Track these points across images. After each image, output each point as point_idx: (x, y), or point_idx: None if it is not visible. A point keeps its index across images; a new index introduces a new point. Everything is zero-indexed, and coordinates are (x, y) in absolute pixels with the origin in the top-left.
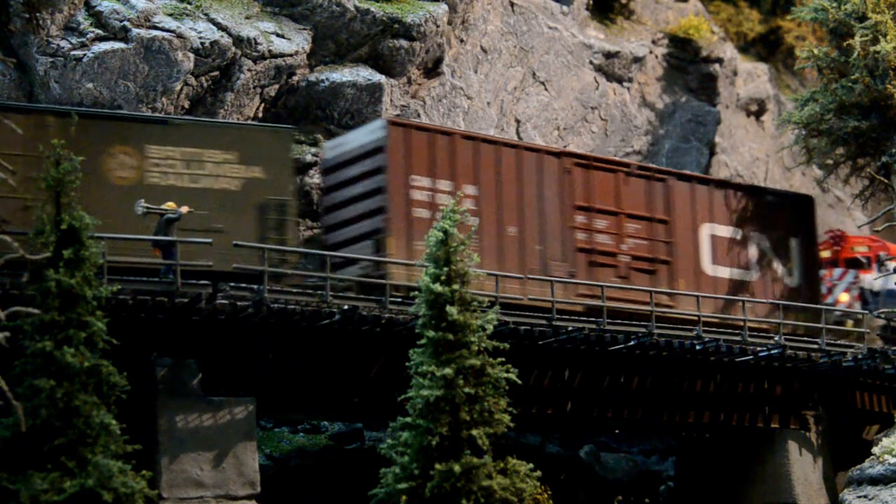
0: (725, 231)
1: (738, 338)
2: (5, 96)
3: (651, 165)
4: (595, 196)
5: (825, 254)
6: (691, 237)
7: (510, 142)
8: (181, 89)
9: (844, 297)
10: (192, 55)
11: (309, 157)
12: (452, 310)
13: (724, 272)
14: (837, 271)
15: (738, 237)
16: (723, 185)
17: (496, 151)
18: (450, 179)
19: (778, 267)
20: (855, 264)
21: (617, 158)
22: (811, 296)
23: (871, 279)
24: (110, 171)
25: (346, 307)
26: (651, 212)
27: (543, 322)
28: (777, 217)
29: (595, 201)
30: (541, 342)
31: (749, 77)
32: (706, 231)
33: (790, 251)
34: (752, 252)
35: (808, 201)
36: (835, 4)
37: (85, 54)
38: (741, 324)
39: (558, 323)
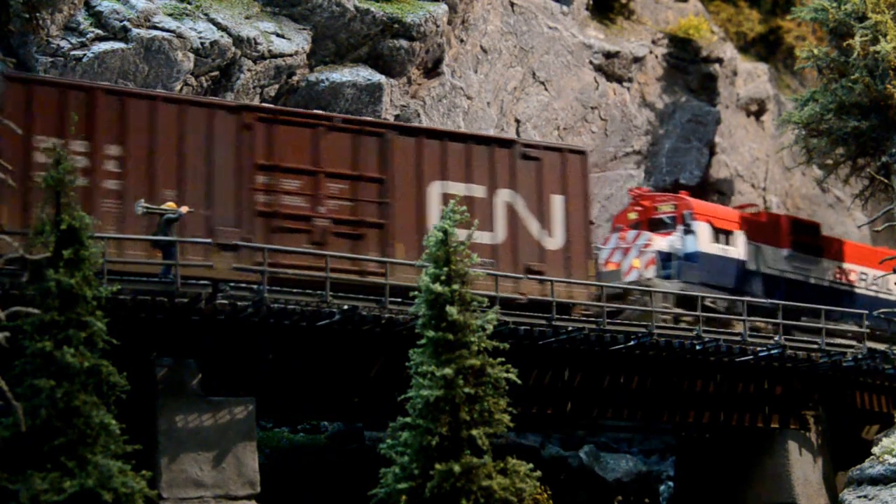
0: (462, 189)
1: (737, 338)
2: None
3: (364, 118)
4: (284, 154)
5: (632, 215)
6: (415, 197)
7: (171, 96)
8: (181, 89)
9: (637, 263)
10: (192, 55)
11: None
12: (452, 310)
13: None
14: (631, 234)
15: (480, 195)
16: (462, 138)
17: (151, 108)
18: (86, 140)
19: (532, 227)
20: (660, 225)
21: (318, 112)
22: (578, 260)
23: (666, 241)
24: None
25: (346, 307)
26: (361, 170)
27: (543, 322)
28: (534, 172)
29: (282, 159)
30: (541, 342)
31: (749, 77)
32: (436, 190)
33: (551, 210)
34: (499, 212)
35: (578, 154)
36: (835, 4)
37: (85, 54)
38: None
39: (558, 323)
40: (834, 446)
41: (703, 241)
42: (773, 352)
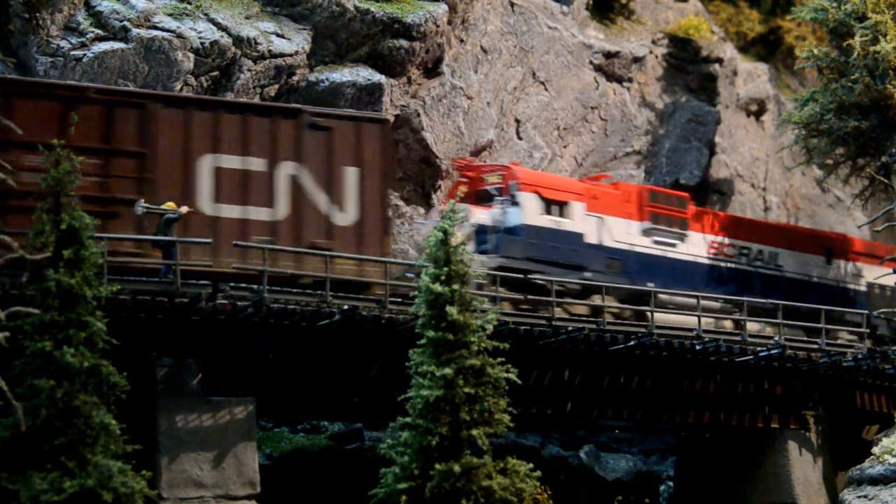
0: (237, 163)
1: (738, 338)
2: None
3: (122, 88)
4: (26, 128)
5: (463, 188)
6: (182, 172)
7: None
8: (181, 89)
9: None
10: (192, 55)
11: None
12: (452, 310)
13: (233, 211)
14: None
15: (259, 169)
16: (238, 108)
17: None
18: None
19: (320, 202)
20: (488, 198)
21: (70, 83)
22: (373, 236)
23: (485, 214)
24: None
25: (346, 307)
26: (115, 143)
27: (543, 322)
28: (324, 143)
29: (22, 134)
30: (541, 342)
31: (749, 77)
32: (207, 164)
33: (343, 183)
34: (281, 186)
35: (376, 123)
36: (835, 4)
37: (85, 54)
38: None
39: (558, 323)
40: (834, 446)
41: (529, 213)
42: (773, 352)
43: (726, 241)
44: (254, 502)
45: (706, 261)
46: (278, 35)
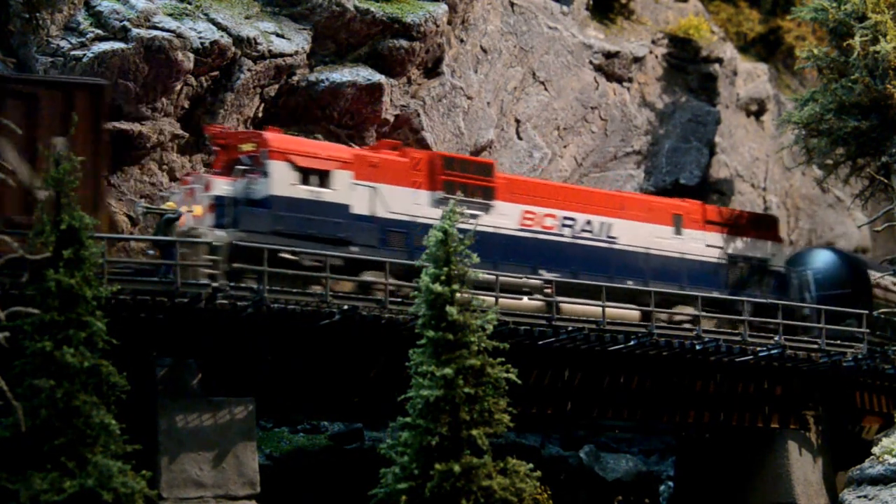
0: None
1: (737, 337)
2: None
3: None
4: None
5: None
6: None
7: None
8: (181, 89)
9: (199, 211)
10: (192, 55)
11: None
12: (452, 310)
13: None
14: (194, 178)
15: None
16: None
17: None
18: None
19: (23, 174)
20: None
21: None
22: (86, 209)
23: (226, 184)
24: None
25: (346, 307)
26: None
27: (543, 322)
28: (23, 112)
29: None
30: (541, 342)
31: (749, 77)
32: None
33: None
34: None
35: (90, 89)
36: (835, 4)
37: (85, 54)
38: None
39: (558, 323)
40: (834, 446)
41: (279, 183)
42: (773, 352)
43: (545, 211)
44: (254, 502)
45: (516, 233)
46: (278, 35)
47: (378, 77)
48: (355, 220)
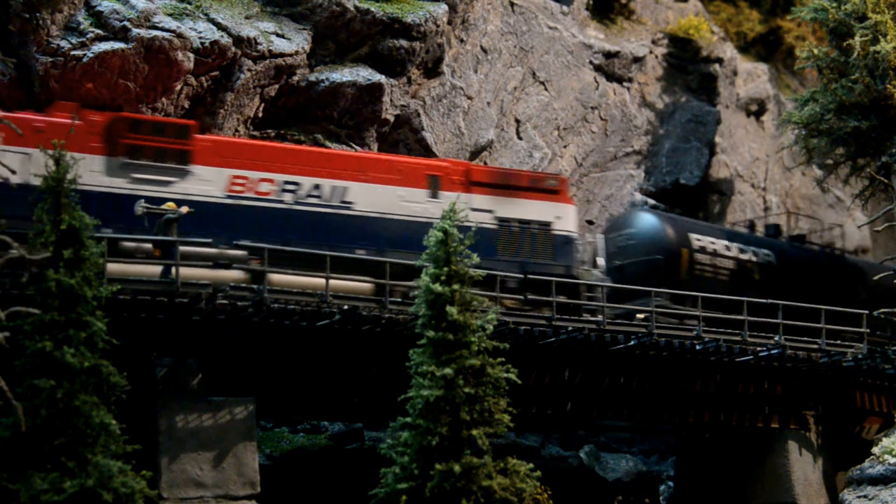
0: None
1: (738, 338)
2: (5, 96)
3: None
4: None
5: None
6: None
7: None
8: (181, 89)
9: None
10: (192, 55)
11: None
12: (452, 310)
13: None
14: None
15: None
16: None
17: None
18: None
19: None
20: None
21: None
22: None
23: None
24: None
25: (346, 307)
26: None
27: (543, 322)
28: None
29: None
30: (541, 342)
31: (749, 77)
32: None
33: None
34: None
35: None
36: (835, 4)
37: (85, 54)
38: None
39: (558, 323)
40: (834, 446)
41: None
42: (773, 352)
43: (261, 175)
44: (254, 502)
45: (222, 201)
46: (278, 35)
47: (378, 77)
48: (6, 190)
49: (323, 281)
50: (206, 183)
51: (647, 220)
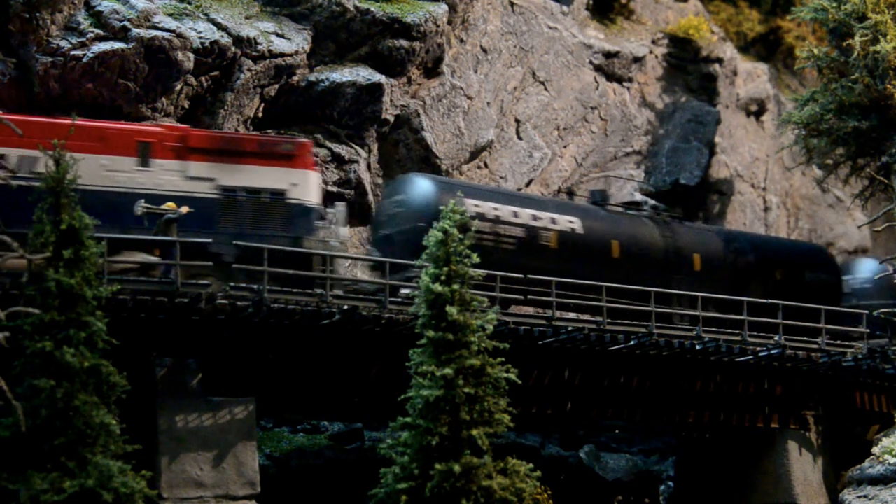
0: None
1: (737, 338)
2: (5, 96)
3: None
4: None
5: None
6: None
7: None
8: (181, 89)
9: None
10: (192, 55)
11: None
12: (452, 310)
13: None
14: None
15: None
16: None
17: None
18: None
19: None
20: None
21: None
22: None
23: None
24: None
25: (346, 307)
26: None
27: (543, 322)
28: None
29: None
30: (541, 342)
31: (749, 77)
32: None
33: None
34: None
35: None
36: (835, 4)
37: (85, 54)
38: None
39: (558, 323)
40: (834, 446)
41: None
42: (773, 352)
43: None
44: (254, 502)
45: None
46: (278, 35)
47: (378, 77)
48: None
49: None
50: None
51: (416, 185)
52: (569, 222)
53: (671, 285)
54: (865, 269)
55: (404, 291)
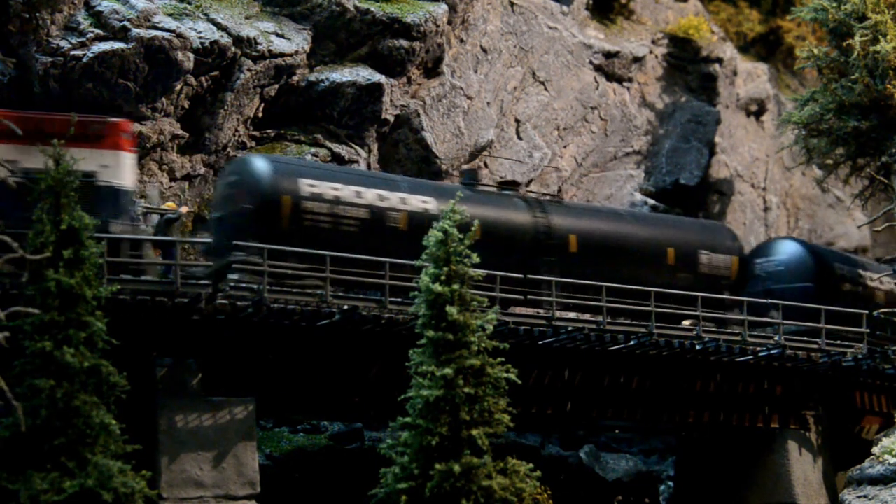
0: None
1: (737, 337)
2: (5, 96)
3: None
4: None
5: None
6: None
7: None
8: (181, 89)
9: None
10: (192, 55)
11: (308, 158)
12: (452, 310)
13: None
14: None
15: None
16: None
17: None
18: None
19: None
20: None
21: None
22: None
23: None
24: None
25: (346, 307)
26: None
27: (543, 322)
28: None
29: None
30: (541, 342)
31: (749, 77)
32: None
33: None
34: None
35: None
36: (835, 4)
37: (85, 54)
38: None
39: (558, 323)
40: (834, 446)
41: None
42: (773, 352)
43: None
44: (254, 502)
45: None
46: (278, 35)
47: (378, 77)
48: None
49: None
50: None
51: (250, 166)
52: (422, 202)
53: (540, 269)
54: (781, 251)
55: (233, 276)
